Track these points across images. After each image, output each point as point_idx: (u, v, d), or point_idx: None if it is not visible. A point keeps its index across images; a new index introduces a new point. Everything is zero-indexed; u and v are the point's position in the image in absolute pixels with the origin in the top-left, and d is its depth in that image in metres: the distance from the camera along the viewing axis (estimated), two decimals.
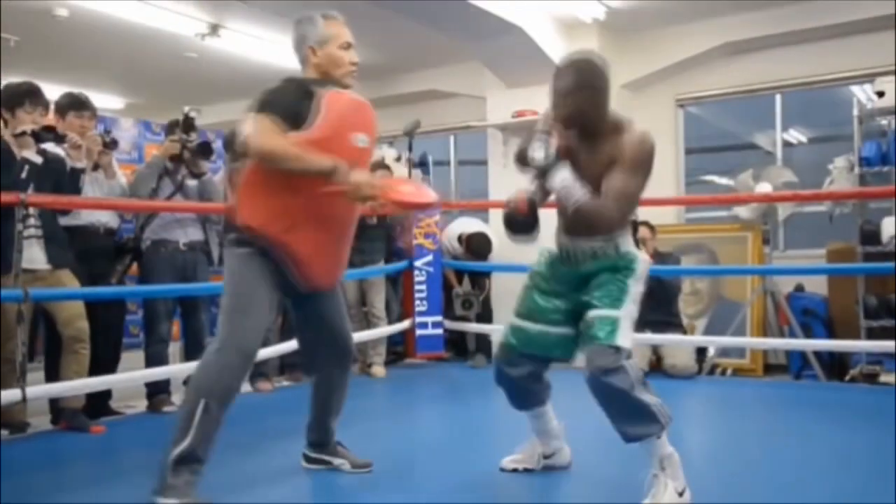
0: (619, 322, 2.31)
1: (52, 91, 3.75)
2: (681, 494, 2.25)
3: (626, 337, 2.30)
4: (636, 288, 2.40)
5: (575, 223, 2.42)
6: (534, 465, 2.73)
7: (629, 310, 2.36)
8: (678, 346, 4.99)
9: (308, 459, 2.81)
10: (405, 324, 5.43)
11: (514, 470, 2.72)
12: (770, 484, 2.62)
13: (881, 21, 4.98)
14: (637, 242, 4.97)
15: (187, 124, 4.01)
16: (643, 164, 2.33)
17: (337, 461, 2.77)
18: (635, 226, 5.06)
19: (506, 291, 5.08)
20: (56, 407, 3.69)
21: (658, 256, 5.21)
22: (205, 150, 4.05)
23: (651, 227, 5.24)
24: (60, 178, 3.47)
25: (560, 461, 2.75)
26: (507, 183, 5.15)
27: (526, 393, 2.62)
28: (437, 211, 5.21)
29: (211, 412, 2.26)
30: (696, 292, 5.64)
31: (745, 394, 4.65)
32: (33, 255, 3.36)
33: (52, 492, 2.72)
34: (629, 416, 2.26)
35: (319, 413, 2.75)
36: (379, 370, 5.23)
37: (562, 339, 2.49)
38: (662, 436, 2.27)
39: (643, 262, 2.46)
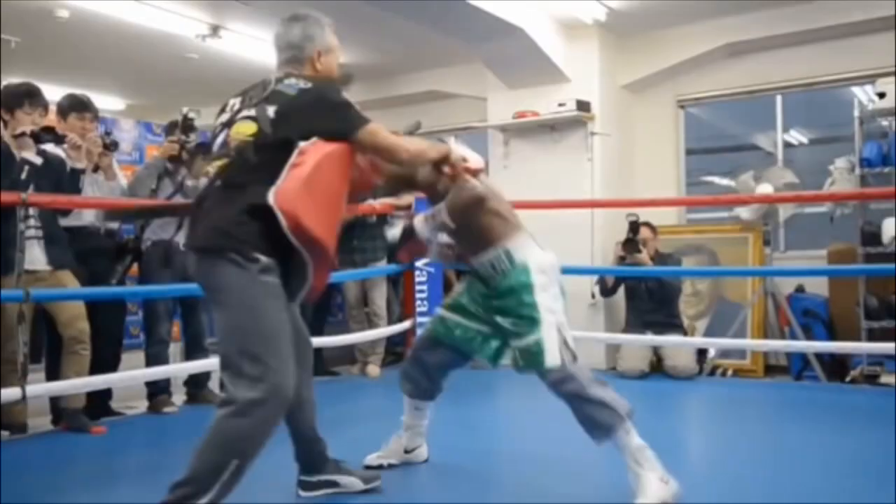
0: (543, 343, 2.39)
1: (53, 92, 3.75)
2: (665, 483, 2.28)
3: (555, 351, 2.38)
4: (543, 294, 2.46)
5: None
6: (397, 459, 2.83)
7: (548, 321, 2.42)
8: (679, 348, 4.99)
9: (307, 486, 2.51)
10: (406, 324, 5.43)
11: (380, 466, 2.78)
12: (770, 485, 2.62)
13: (882, 22, 4.97)
14: (637, 244, 5.02)
15: (186, 125, 4.02)
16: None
17: (344, 480, 2.52)
18: (635, 226, 5.09)
19: None
20: (57, 407, 3.70)
21: (659, 257, 5.21)
22: (204, 151, 4.05)
23: (652, 228, 5.23)
24: (60, 179, 3.47)
25: (419, 457, 2.87)
26: (508, 183, 5.17)
27: (430, 382, 2.73)
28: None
29: (242, 471, 1.96)
30: (697, 293, 5.64)
31: (746, 395, 4.65)
32: (34, 255, 3.36)
33: (53, 492, 2.72)
34: (591, 413, 2.35)
35: (303, 426, 2.44)
36: (374, 370, 5.22)
37: (482, 337, 2.61)
38: (629, 430, 2.32)
39: (535, 262, 2.51)
